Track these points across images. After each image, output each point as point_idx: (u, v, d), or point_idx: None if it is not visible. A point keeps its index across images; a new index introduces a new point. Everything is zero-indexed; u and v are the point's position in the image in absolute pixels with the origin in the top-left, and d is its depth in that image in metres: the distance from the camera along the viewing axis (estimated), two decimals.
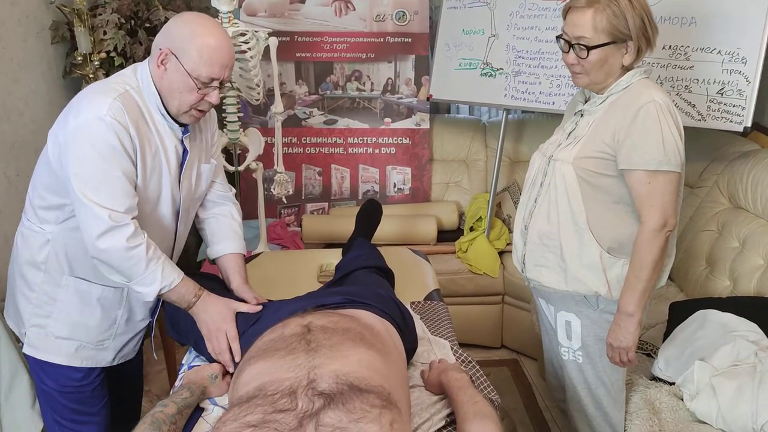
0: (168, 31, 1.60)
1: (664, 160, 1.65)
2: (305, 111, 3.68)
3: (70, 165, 1.53)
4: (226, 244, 1.89)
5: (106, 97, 1.54)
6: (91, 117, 1.51)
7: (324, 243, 3.35)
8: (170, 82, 1.59)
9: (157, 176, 1.65)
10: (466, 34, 3.36)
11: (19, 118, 2.68)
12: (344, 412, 1.14)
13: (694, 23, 2.54)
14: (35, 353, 1.75)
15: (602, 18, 1.67)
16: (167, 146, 1.66)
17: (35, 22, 2.81)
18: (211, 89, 1.60)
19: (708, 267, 2.60)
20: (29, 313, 1.74)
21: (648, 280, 1.70)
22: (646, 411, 1.93)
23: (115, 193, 1.53)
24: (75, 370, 1.75)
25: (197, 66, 1.56)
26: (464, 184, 3.73)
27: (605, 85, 1.77)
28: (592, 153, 1.73)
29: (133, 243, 1.54)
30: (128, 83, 1.61)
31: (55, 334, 1.73)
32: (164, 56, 1.57)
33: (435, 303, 2.12)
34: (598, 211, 1.75)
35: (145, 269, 1.56)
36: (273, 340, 1.43)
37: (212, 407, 1.54)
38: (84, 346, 1.74)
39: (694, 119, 2.57)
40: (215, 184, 1.92)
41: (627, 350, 1.75)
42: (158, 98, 1.62)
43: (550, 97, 3.03)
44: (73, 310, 1.72)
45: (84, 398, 1.79)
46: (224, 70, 1.60)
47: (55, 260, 1.70)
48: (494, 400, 1.61)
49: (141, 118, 1.60)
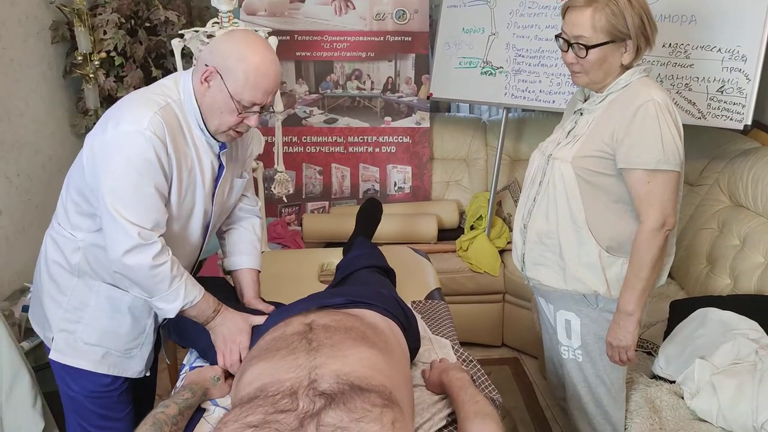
0: (217, 48, 1.57)
1: (663, 159, 1.65)
2: (305, 110, 3.68)
3: (103, 176, 1.50)
4: (244, 258, 1.88)
5: (148, 110, 1.51)
6: (131, 129, 1.48)
7: (325, 242, 3.36)
8: (212, 101, 1.56)
9: (191, 191, 1.63)
10: (466, 33, 3.36)
11: (19, 118, 2.68)
12: (345, 412, 1.15)
13: (694, 21, 2.54)
14: (62, 359, 1.72)
15: (601, 17, 1.67)
16: (203, 161, 1.64)
17: (35, 22, 2.81)
18: (251, 113, 1.58)
19: (708, 265, 2.60)
20: (59, 318, 1.72)
21: (647, 280, 1.70)
22: (647, 409, 1.93)
23: (146, 210, 1.51)
24: (102, 376, 1.73)
25: (241, 90, 1.52)
26: (465, 183, 3.73)
27: (604, 84, 1.77)
28: (592, 152, 1.73)
29: (159, 261, 1.52)
30: (170, 96, 1.58)
31: (84, 340, 1.71)
32: (209, 74, 1.54)
33: (436, 302, 2.12)
34: (597, 210, 1.75)
35: (168, 287, 1.54)
36: (275, 339, 1.43)
37: (214, 408, 1.54)
38: (111, 353, 1.73)
39: (695, 117, 2.56)
40: (244, 198, 1.91)
41: (626, 349, 1.75)
42: (198, 113, 1.59)
43: (550, 95, 3.03)
44: (103, 316, 1.70)
45: (111, 403, 1.77)
46: (267, 96, 1.56)
47: (87, 266, 1.68)
48: (495, 400, 1.61)
49: (180, 132, 1.57)
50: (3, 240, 2.55)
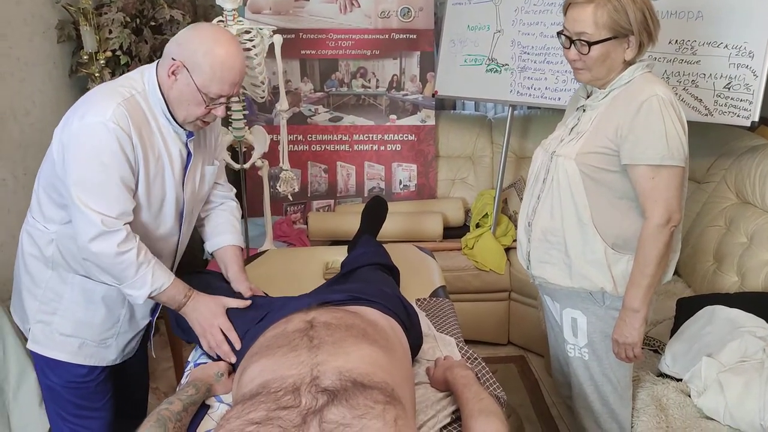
0: (182, 42, 1.60)
1: (668, 154, 1.64)
2: (310, 108, 3.68)
3: (70, 167, 1.54)
4: (224, 236, 1.92)
5: (111, 102, 1.55)
6: (94, 121, 1.53)
7: (330, 240, 3.36)
8: (179, 93, 1.60)
9: (160, 180, 1.67)
10: (471, 30, 3.35)
11: (25, 117, 2.69)
12: (348, 409, 1.14)
13: (701, 17, 2.53)
14: (39, 349, 1.76)
15: (603, 13, 1.66)
16: (171, 150, 1.67)
17: (41, 21, 2.81)
18: (218, 105, 1.63)
19: (715, 263, 2.59)
20: (35, 309, 1.76)
21: (653, 276, 1.69)
22: (653, 407, 1.92)
23: (110, 199, 1.55)
24: (79, 367, 1.76)
25: (209, 83, 1.57)
26: (470, 181, 3.72)
27: (607, 80, 1.76)
28: (595, 148, 1.72)
29: (124, 248, 1.55)
30: (134, 87, 1.62)
31: (59, 331, 1.74)
32: (176, 67, 1.58)
33: (440, 300, 2.12)
34: (602, 207, 1.74)
35: (135, 273, 1.58)
36: (276, 337, 1.43)
37: (218, 404, 1.54)
38: (87, 343, 1.76)
39: (701, 114, 2.55)
40: (217, 185, 1.95)
41: (633, 346, 1.74)
42: (164, 104, 1.63)
43: (555, 92, 3.02)
44: (78, 307, 1.73)
45: (88, 393, 1.80)
46: (233, 88, 1.62)
47: (60, 258, 1.71)
48: (500, 397, 1.60)
49: (145, 122, 1.61)
50: (9, 239, 2.56)
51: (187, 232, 1.85)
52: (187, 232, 1.85)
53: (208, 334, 1.67)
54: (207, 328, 1.67)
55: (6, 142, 2.56)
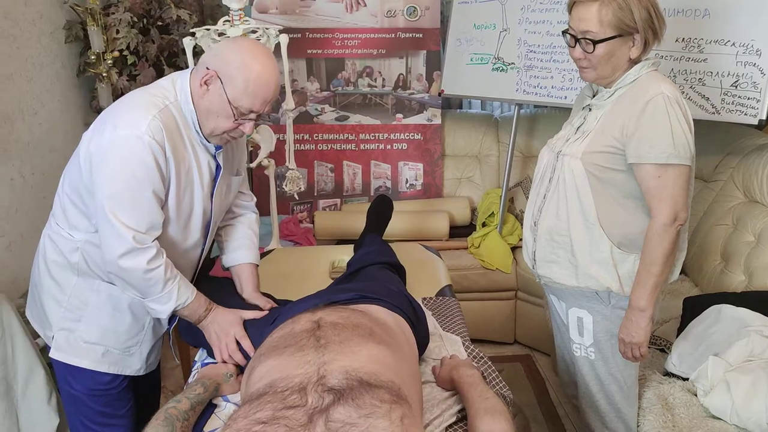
0: (220, 52, 1.57)
1: (674, 153, 1.64)
2: (317, 108, 3.68)
3: (100, 178, 1.51)
4: (242, 252, 1.89)
5: (147, 113, 1.52)
6: (129, 134, 1.49)
7: (336, 239, 3.36)
8: (209, 104, 1.57)
9: (189, 192, 1.65)
10: (477, 29, 3.35)
11: (33, 117, 2.70)
12: (354, 408, 1.14)
13: (708, 15, 2.52)
14: (62, 357, 1.73)
15: (608, 11, 1.66)
16: (201, 162, 1.65)
17: (49, 22, 2.83)
18: (247, 120, 1.59)
19: (722, 262, 2.58)
20: (59, 316, 1.72)
21: (659, 275, 1.69)
22: (660, 406, 1.92)
23: (142, 214, 1.53)
24: (103, 374, 1.74)
25: (240, 97, 1.54)
26: (476, 180, 3.72)
27: (613, 79, 1.75)
28: (601, 147, 1.72)
29: (153, 265, 1.54)
30: (167, 97, 1.59)
31: (84, 339, 1.72)
32: (210, 77, 1.55)
33: (447, 299, 2.12)
34: (608, 206, 1.74)
35: (161, 289, 1.57)
36: (283, 337, 1.43)
37: (225, 404, 1.55)
38: (111, 351, 1.74)
39: (708, 113, 2.54)
40: (240, 194, 1.93)
41: (639, 345, 1.74)
42: (195, 115, 1.60)
43: (562, 91, 3.02)
44: (104, 314, 1.72)
45: (112, 401, 1.78)
46: (265, 105, 1.58)
47: (85, 266, 1.69)
48: (506, 396, 1.60)
49: (178, 134, 1.58)
50: (18, 237, 2.58)
51: (209, 243, 1.84)
52: (209, 242, 1.84)
53: (222, 344, 1.66)
54: (222, 338, 1.66)
55: (14, 141, 2.58)
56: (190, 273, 1.80)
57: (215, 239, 1.94)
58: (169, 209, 1.61)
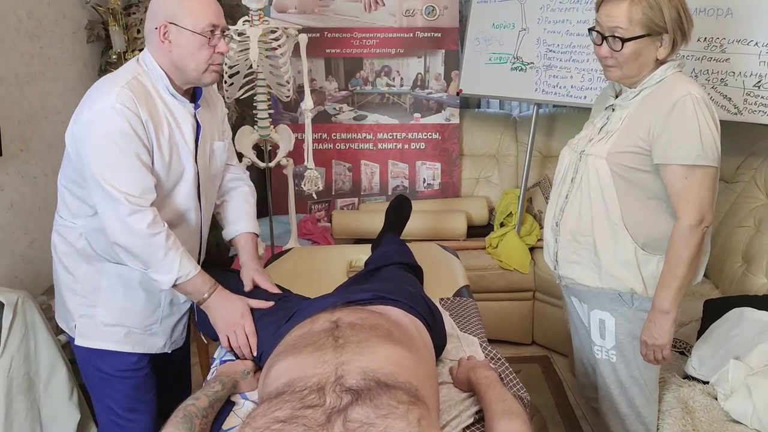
0: (154, 9, 1.65)
1: (702, 154, 1.62)
2: (335, 107, 3.69)
3: (88, 155, 1.58)
4: (238, 224, 1.95)
5: (115, 86, 1.59)
6: (102, 107, 1.57)
7: (353, 238, 3.37)
8: (180, 50, 1.64)
9: (176, 154, 1.70)
10: (496, 29, 3.34)
11: (56, 116, 2.74)
12: (372, 408, 1.15)
13: (730, 14, 2.49)
14: (87, 342, 1.78)
15: (637, 10, 1.64)
16: (181, 123, 1.71)
17: (71, 22, 2.87)
18: (217, 39, 1.66)
19: (744, 264, 2.55)
20: (76, 304, 1.78)
21: (684, 277, 1.67)
22: (679, 410, 1.90)
23: (132, 178, 1.58)
24: (129, 355, 1.79)
25: (197, 20, 1.62)
26: (494, 180, 3.71)
27: (638, 79, 1.73)
28: (627, 148, 1.70)
29: (154, 230, 1.59)
30: (133, 71, 1.66)
31: (103, 322, 1.77)
32: (164, 30, 1.63)
33: (464, 299, 2.11)
34: (633, 207, 1.72)
35: (163, 257, 1.61)
36: (301, 336, 1.44)
37: (243, 401, 1.56)
38: (132, 332, 1.78)
39: (730, 113, 2.51)
40: (230, 167, 1.99)
41: (662, 348, 1.72)
42: (166, 78, 1.67)
43: (581, 91, 3.00)
44: (117, 296, 1.76)
45: (139, 383, 1.82)
46: (220, 17, 1.66)
47: (90, 250, 1.75)
48: (523, 398, 1.60)
49: (151, 100, 1.64)
50: (40, 235, 2.61)
51: (208, 211, 1.88)
52: (208, 210, 1.87)
53: (231, 332, 1.69)
54: (232, 326, 1.69)
55: (37, 140, 2.61)
56: (194, 244, 1.83)
57: (216, 218, 1.99)
58: (159, 173, 1.66)
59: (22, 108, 2.53)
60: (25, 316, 2.10)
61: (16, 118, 2.50)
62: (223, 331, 1.70)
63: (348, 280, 1.98)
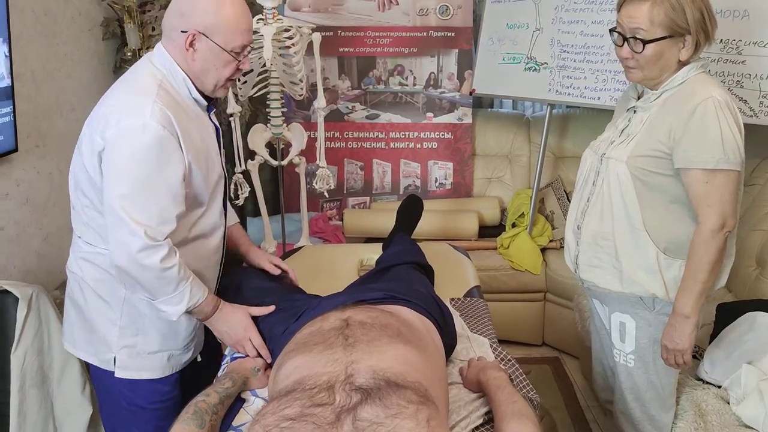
0: (185, 11, 1.54)
1: (724, 158, 1.59)
2: (348, 106, 3.70)
3: (110, 173, 1.47)
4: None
5: (147, 99, 1.48)
6: (134, 123, 1.45)
7: (365, 237, 3.37)
8: (203, 62, 1.56)
9: (211, 162, 1.63)
10: (510, 28, 3.33)
11: (71, 112, 2.76)
12: (381, 408, 1.15)
13: (747, 16, 2.46)
14: (130, 374, 1.67)
15: (660, 11, 1.60)
16: (207, 128, 1.66)
17: (87, 19, 2.89)
18: (243, 56, 1.60)
19: (758, 268, 2.53)
20: (116, 335, 1.65)
21: (705, 282, 1.64)
22: (692, 413, 1.89)
23: (152, 206, 1.47)
24: (164, 383, 1.71)
25: (231, 39, 1.54)
26: (507, 180, 3.70)
27: (659, 81, 1.70)
28: (648, 151, 1.67)
29: (168, 264, 1.48)
30: (154, 76, 1.56)
31: (146, 351, 1.67)
32: (192, 38, 1.53)
33: (475, 300, 2.11)
34: (654, 211, 1.69)
35: (174, 289, 1.52)
36: (312, 334, 1.44)
37: (253, 398, 1.56)
38: (173, 354, 1.71)
39: (746, 115, 2.49)
40: None
41: (683, 352, 1.70)
42: (188, 81, 1.59)
43: (595, 92, 2.98)
44: (161, 321, 1.64)
45: (168, 413, 1.68)
46: (251, 35, 1.61)
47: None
48: (533, 400, 1.59)
49: (181, 110, 1.55)
50: (54, 230, 2.64)
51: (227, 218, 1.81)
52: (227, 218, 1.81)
53: (240, 347, 1.68)
54: (239, 341, 1.67)
55: (52, 137, 2.64)
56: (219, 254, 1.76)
57: None
58: (199, 187, 1.59)
59: (38, 104, 2.56)
60: (39, 311, 2.12)
61: (32, 114, 2.52)
62: (232, 345, 1.69)
63: (359, 278, 1.98)
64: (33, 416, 2.10)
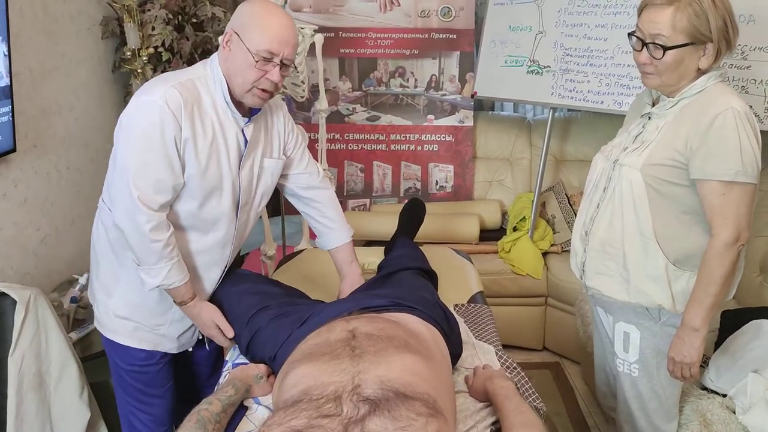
0: (235, 14, 1.65)
1: (741, 171, 1.56)
2: (348, 107, 3.68)
3: (121, 141, 1.61)
4: (332, 236, 2.03)
5: (165, 85, 1.59)
6: (146, 99, 1.57)
7: (365, 240, 3.35)
8: (233, 62, 1.62)
9: (215, 162, 1.67)
10: (512, 31, 3.31)
11: (70, 112, 2.73)
12: (390, 420, 1.12)
13: (753, 21, 2.45)
14: (103, 331, 1.84)
15: (682, 17, 1.57)
16: (227, 134, 1.68)
17: (86, 18, 2.86)
18: (270, 66, 1.61)
19: (762, 275, 2.52)
20: (96, 288, 1.84)
21: (716, 296, 1.61)
22: (697, 423, 1.87)
23: (150, 175, 1.58)
24: (137, 351, 1.82)
25: (257, 42, 1.58)
26: (507, 183, 3.68)
27: (677, 88, 1.67)
28: (663, 160, 1.64)
29: (155, 237, 1.60)
30: (195, 73, 1.66)
31: (115, 313, 1.80)
32: (229, 37, 1.62)
33: (479, 306, 2.09)
34: (666, 221, 1.67)
35: (155, 263, 1.63)
36: (318, 345, 1.41)
37: (256, 406, 1.54)
38: (141, 328, 1.80)
39: None
40: (301, 176, 1.97)
41: (690, 366, 1.67)
42: (225, 84, 1.65)
43: (598, 96, 2.97)
44: (133, 291, 1.77)
45: (148, 379, 1.86)
46: (283, 47, 1.60)
47: (118, 242, 1.74)
48: (539, 408, 1.58)
49: (199, 104, 1.63)
50: (52, 231, 2.61)
51: (245, 224, 1.85)
52: (245, 223, 1.84)
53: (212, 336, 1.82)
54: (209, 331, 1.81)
55: (51, 136, 2.61)
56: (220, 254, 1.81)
57: (310, 225, 2.05)
58: (193, 178, 1.64)
59: (36, 104, 2.53)
60: (36, 314, 2.09)
61: (30, 114, 2.49)
62: (205, 333, 1.82)
63: (364, 284, 1.96)
64: (30, 420, 2.07)
